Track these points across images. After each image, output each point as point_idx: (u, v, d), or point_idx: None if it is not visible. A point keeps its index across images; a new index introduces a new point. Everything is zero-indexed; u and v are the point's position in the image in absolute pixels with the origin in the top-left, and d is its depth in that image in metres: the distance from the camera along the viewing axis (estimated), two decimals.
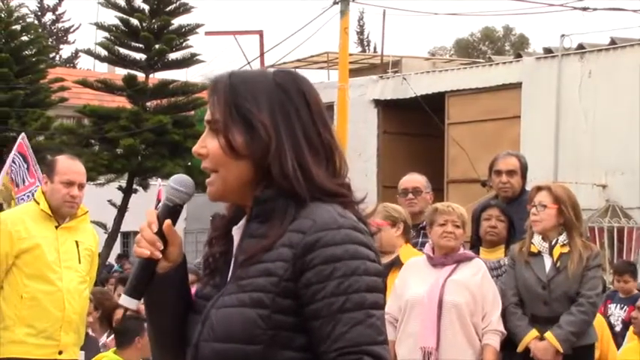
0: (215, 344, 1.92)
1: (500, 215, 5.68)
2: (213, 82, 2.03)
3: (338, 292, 1.87)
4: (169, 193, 2.05)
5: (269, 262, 1.91)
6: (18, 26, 24.51)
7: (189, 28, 22.02)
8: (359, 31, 50.24)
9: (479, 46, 49.68)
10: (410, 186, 6.11)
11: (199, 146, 2.01)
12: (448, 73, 18.35)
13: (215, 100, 2.01)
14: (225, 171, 1.98)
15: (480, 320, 5.07)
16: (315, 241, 1.89)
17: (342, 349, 1.85)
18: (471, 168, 16.38)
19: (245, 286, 1.92)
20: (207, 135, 2.01)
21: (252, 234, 1.98)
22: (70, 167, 5.01)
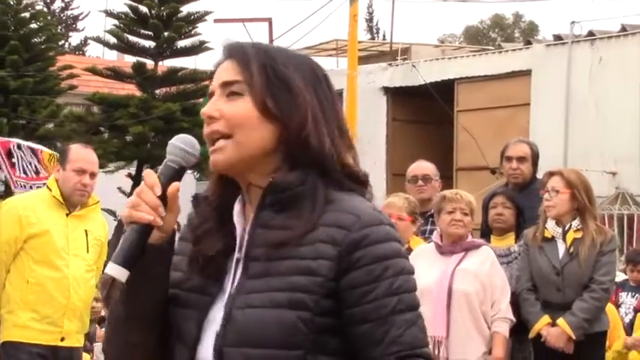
0: (247, 350, 1.72)
1: (507, 202, 5.68)
2: (233, 47, 1.87)
3: (390, 293, 1.74)
4: (174, 154, 1.81)
5: (309, 260, 1.73)
6: (27, 14, 24.55)
7: (198, 16, 22.00)
8: (368, 19, 50.11)
9: (488, 33, 49.52)
10: (420, 173, 6.11)
11: (210, 109, 1.82)
12: (457, 61, 18.29)
13: (239, 62, 1.83)
14: (244, 135, 1.79)
15: (489, 308, 5.07)
16: (362, 239, 1.74)
17: (399, 352, 1.74)
18: (480, 155, 16.35)
19: (279, 286, 1.73)
20: (218, 99, 1.83)
21: (266, 224, 1.78)
22: (83, 155, 5.02)
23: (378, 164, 18.89)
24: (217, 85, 1.85)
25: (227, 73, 1.84)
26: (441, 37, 49.33)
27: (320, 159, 1.79)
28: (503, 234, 5.69)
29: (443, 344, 4.98)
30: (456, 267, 5.10)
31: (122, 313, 1.81)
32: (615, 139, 14.63)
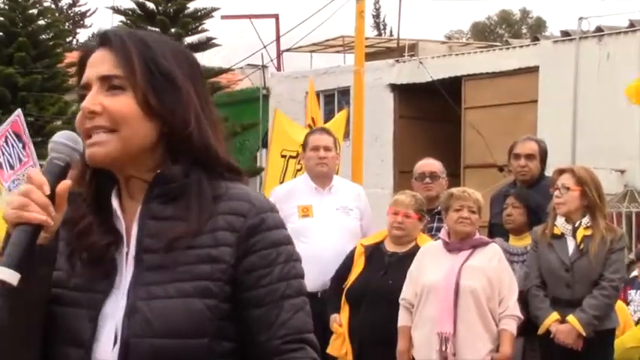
0: (154, 340, 1.70)
1: (515, 202, 5.68)
2: (109, 36, 1.83)
3: (282, 278, 1.79)
4: (58, 151, 1.74)
5: (209, 248, 1.76)
6: (35, 10, 24.60)
7: (204, 12, 22.01)
8: (375, 15, 50.08)
9: (496, 29, 49.45)
10: (427, 170, 6.10)
11: (92, 103, 1.76)
12: (465, 57, 18.27)
13: (118, 54, 1.79)
14: (129, 131, 1.76)
15: (496, 305, 5.06)
16: (258, 224, 1.79)
17: (286, 336, 1.78)
18: (487, 153, 16.33)
19: (183, 275, 1.73)
20: (98, 93, 1.77)
21: (156, 216, 1.77)
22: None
23: (385, 161, 18.89)
24: (95, 78, 1.79)
25: (106, 66, 1.79)
26: (448, 33, 49.28)
27: (203, 153, 1.81)
28: (519, 233, 5.68)
29: (450, 341, 4.98)
30: (464, 264, 5.10)
31: (5, 321, 1.70)
32: (624, 136, 14.59)
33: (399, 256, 5.44)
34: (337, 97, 20.62)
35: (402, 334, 5.19)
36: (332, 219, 5.82)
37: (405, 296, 5.18)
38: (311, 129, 7.48)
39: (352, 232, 5.86)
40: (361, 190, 6.28)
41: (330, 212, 5.84)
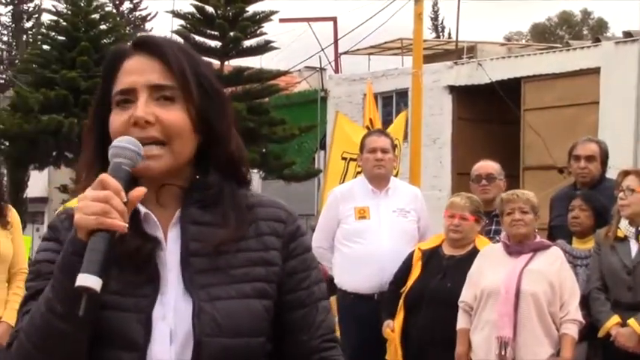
0: (223, 339, 1.73)
1: (583, 204, 5.60)
2: (152, 44, 1.80)
3: (316, 281, 1.90)
4: (126, 155, 1.69)
5: (261, 252, 1.81)
6: (97, 15, 24.98)
7: (263, 15, 22.13)
8: (433, 17, 49.88)
9: (556, 30, 48.89)
10: (483, 172, 6.04)
11: (146, 112, 1.73)
12: (524, 59, 18.10)
13: (169, 65, 1.78)
14: (180, 145, 1.76)
15: (557, 310, 5.00)
16: (295, 231, 1.88)
17: (324, 336, 1.88)
18: (547, 155, 16.16)
19: (241, 277, 1.78)
20: (148, 102, 1.75)
21: (196, 221, 1.78)
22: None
23: (443, 163, 18.81)
24: (144, 85, 1.76)
25: (157, 75, 1.77)
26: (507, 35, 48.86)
27: (236, 165, 1.86)
28: (584, 236, 5.61)
29: (510, 345, 4.94)
30: (524, 267, 5.05)
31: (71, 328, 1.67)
32: None
33: (456, 259, 5.41)
34: (395, 100, 20.59)
35: (460, 337, 5.16)
36: (389, 221, 5.81)
37: (465, 299, 5.16)
38: (369, 130, 7.48)
39: (409, 234, 5.84)
40: (418, 192, 6.25)
41: (386, 214, 5.83)
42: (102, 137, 1.79)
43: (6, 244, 4.96)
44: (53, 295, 1.65)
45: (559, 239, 5.63)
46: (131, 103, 1.76)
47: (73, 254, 1.63)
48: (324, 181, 9.06)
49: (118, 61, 1.81)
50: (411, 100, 14.91)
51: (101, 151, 1.77)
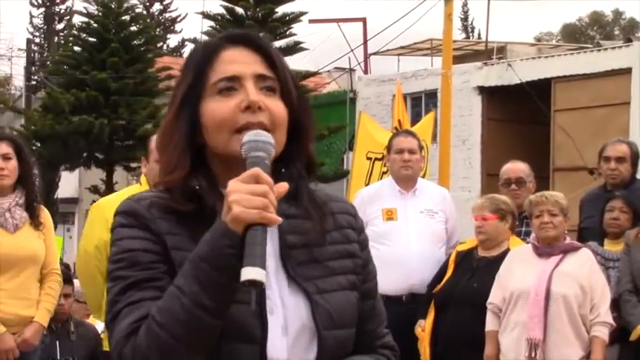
0: (336, 331, 1.77)
1: (624, 206, 5.55)
2: (253, 37, 1.83)
3: (375, 273, 1.97)
4: (265, 149, 1.70)
5: (344, 244, 1.85)
6: (127, 17, 25.17)
7: (293, 16, 22.18)
8: (463, 18, 49.70)
9: (587, 31, 48.55)
10: (513, 176, 5.96)
11: (258, 98, 1.76)
12: (555, 59, 18.00)
13: (268, 58, 1.82)
14: (280, 135, 1.78)
15: (588, 312, 4.97)
16: (362, 224, 1.95)
17: (382, 323, 1.95)
18: (577, 155, 16.06)
19: (337, 269, 1.81)
20: (255, 88, 1.77)
21: (284, 213, 1.73)
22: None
23: (472, 164, 18.74)
24: (251, 74, 1.78)
25: (259, 66, 1.80)
26: (537, 35, 48.58)
27: (312, 160, 1.89)
28: (618, 238, 5.56)
29: (540, 347, 4.92)
30: (554, 269, 5.02)
31: (219, 322, 1.65)
32: None
33: (488, 260, 5.39)
34: (424, 100, 20.54)
35: (489, 339, 5.15)
36: (416, 222, 5.79)
37: (493, 300, 5.14)
38: (396, 131, 7.47)
39: (437, 236, 5.82)
40: (446, 193, 6.22)
41: (414, 215, 5.81)
42: (192, 127, 1.79)
43: (38, 245, 4.99)
44: (200, 290, 1.61)
45: (589, 241, 5.59)
46: (234, 90, 1.78)
47: (228, 247, 1.61)
48: (350, 181, 9.07)
49: (211, 53, 1.82)
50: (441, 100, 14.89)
51: (191, 140, 1.78)
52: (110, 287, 1.73)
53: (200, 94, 1.79)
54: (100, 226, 4.52)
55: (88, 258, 4.59)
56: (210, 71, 1.80)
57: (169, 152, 1.79)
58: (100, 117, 23.10)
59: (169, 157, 1.79)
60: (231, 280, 1.60)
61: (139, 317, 1.65)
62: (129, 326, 1.65)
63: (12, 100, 39.81)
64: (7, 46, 57.87)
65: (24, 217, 4.94)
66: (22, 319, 4.90)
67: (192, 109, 1.79)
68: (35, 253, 4.96)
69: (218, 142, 1.77)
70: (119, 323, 1.67)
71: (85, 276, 4.69)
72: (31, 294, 4.95)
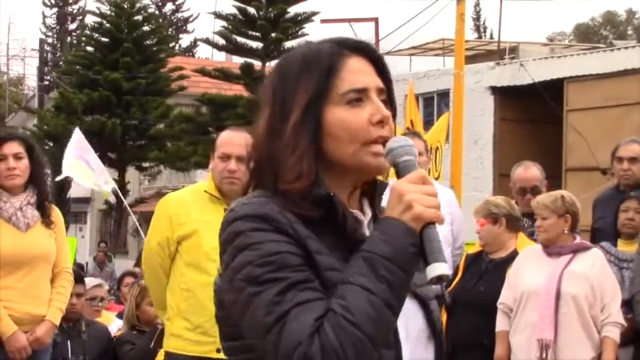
0: (439, 338, 1.87)
1: (639, 207, 5.53)
2: (372, 49, 1.88)
3: None
4: (411, 153, 1.78)
5: None
6: (140, 17, 25.24)
7: (305, 17, 22.19)
8: (475, 17, 49.62)
9: (600, 30, 48.40)
10: (527, 186, 5.85)
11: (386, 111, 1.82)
12: (567, 59, 17.94)
13: (383, 71, 1.87)
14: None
15: (598, 312, 4.95)
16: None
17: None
18: (590, 156, 16.00)
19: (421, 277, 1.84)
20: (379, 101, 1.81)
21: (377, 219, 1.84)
22: (228, 139, 4.47)
23: (484, 165, 18.70)
24: (375, 88, 1.82)
25: (378, 78, 1.83)
26: (550, 35, 48.48)
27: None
28: (632, 238, 5.54)
29: (550, 348, 4.90)
30: (564, 269, 5.01)
31: (396, 320, 1.69)
32: None
33: (496, 262, 5.38)
34: (437, 100, 20.52)
35: (500, 339, 5.13)
36: None
37: (504, 301, 5.12)
38: (408, 131, 7.46)
39: (442, 237, 5.77)
40: (452, 195, 6.22)
41: None
42: (315, 133, 1.78)
43: (50, 244, 5.00)
44: (388, 288, 1.63)
45: (602, 241, 5.56)
46: (362, 102, 1.79)
47: (411, 246, 1.67)
48: None
49: (337, 60, 1.81)
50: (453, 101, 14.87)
51: (316, 144, 1.78)
52: (262, 290, 1.66)
53: (324, 101, 1.78)
54: (163, 222, 4.44)
55: (151, 254, 4.51)
56: (338, 79, 1.79)
57: (294, 158, 1.76)
58: (113, 117, 23.17)
59: (294, 164, 1.76)
60: (411, 277, 1.67)
61: (318, 316, 1.62)
62: (312, 325, 1.61)
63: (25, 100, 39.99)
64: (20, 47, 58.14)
65: (35, 216, 4.96)
66: (33, 317, 4.91)
67: (317, 116, 1.78)
68: (47, 252, 4.97)
69: (344, 151, 1.78)
70: (291, 324, 1.62)
71: (149, 272, 4.62)
72: (42, 293, 4.96)
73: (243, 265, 1.68)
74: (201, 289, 4.27)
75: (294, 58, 1.83)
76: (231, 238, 1.71)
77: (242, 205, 1.74)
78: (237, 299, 1.69)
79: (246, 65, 21.87)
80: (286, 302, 1.64)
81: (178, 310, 4.39)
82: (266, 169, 1.79)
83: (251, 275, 1.67)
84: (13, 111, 40.06)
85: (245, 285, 1.67)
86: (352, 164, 1.78)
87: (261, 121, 1.82)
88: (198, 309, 4.31)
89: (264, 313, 1.64)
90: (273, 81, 1.83)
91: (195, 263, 4.34)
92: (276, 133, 1.78)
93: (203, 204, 4.40)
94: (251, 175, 1.84)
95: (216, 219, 4.21)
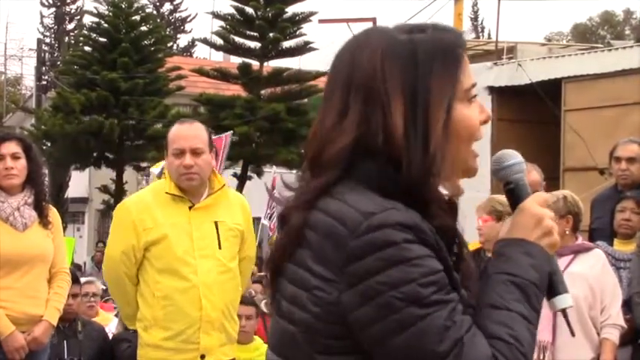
0: None
1: (636, 207, 5.52)
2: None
3: None
4: (521, 171, 1.80)
5: None
6: (138, 17, 25.20)
7: (302, 16, 22.16)
8: (473, 17, 49.62)
9: (597, 30, 48.43)
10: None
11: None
12: (565, 59, 17.94)
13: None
14: None
15: (598, 314, 4.93)
16: None
17: None
18: (588, 156, 16.00)
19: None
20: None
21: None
22: (178, 134, 4.29)
23: (482, 164, 18.67)
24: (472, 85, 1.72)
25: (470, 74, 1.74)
26: (548, 35, 48.51)
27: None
28: (629, 238, 5.53)
29: (548, 349, 4.89)
30: (565, 270, 4.99)
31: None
32: None
33: None
34: None
35: None
36: None
37: None
38: None
39: None
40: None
41: None
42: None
43: (47, 244, 5.00)
44: (537, 317, 1.66)
45: (599, 241, 5.56)
46: (474, 99, 1.72)
47: (549, 275, 1.68)
48: None
49: (463, 52, 1.72)
50: None
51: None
52: (429, 313, 1.52)
53: (454, 96, 1.66)
54: (127, 229, 4.25)
55: (114, 264, 4.32)
56: (463, 74, 1.69)
57: (443, 163, 1.63)
58: (110, 117, 23.13)
59: (441, 169, 1.63)
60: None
61: (486, 344, 1.55)
62: (490, 355, 1.54)
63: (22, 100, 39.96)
64: (18, 47, 58.06)
65: (33, 216, 4.96)
66: (31, 317, 4.91)
67: (451, 114, 1.65)
68: (44, 252, 4.96)
69: (459, 150, 1.69)
70: (469, 351, 1.52)
71: (114, 283, 4.42)
72: (40, 293, 4.96)
73: (403, 282, 1.51)
74: (180, 295, 4.16)
75: (418, 45, 1.65)
76: (378, 246, 1.51)
77: (398, 213, 1.55)
78: (383, 316, 1.51)
79: (244, 65, 21.85)
80: (457, 328, 1.52)
81: (155, 319, 4.21)
82: (384, 167, 1.60)
83: (416, 295, 1.50)
84: (11, 111, 40.04)
85: (404, 305, 1.50)
86: (461, 165, 1.72)
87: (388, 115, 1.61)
88: (179, 316, 4.18)
89: (438, 339, 1.50)
90: (391, 68, 1.63)
91: (169, 269, 4.18)
92: (412, 129, 1.61)
93: (167, 206, 4.23)
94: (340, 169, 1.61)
95: (183, 221, 4.21)
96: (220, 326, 4.27)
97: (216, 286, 4.23)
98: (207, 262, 4.22)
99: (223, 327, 4.28)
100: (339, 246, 1.53)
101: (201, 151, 4.24)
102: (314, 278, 1.56)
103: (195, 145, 4.23)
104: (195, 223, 4.24)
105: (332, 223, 1.55)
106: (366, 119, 1.61)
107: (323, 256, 1.55)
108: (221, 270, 4.27)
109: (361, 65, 1.65)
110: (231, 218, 4.36)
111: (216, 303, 4.23)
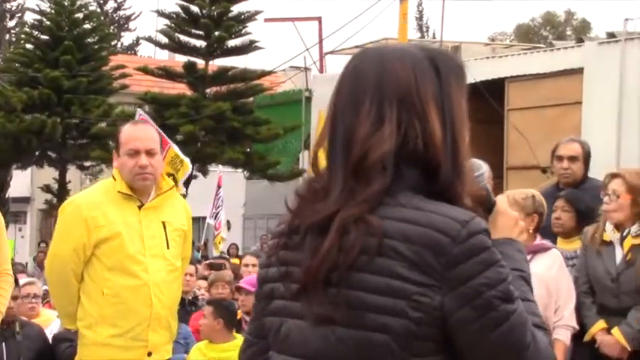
0: None
1: (565, 206, 5.55)
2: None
3: None
4: (486, 178, 1.96)
5: None
6: (81, 14, 24.91)
7: (248, 15, 22.12)
8: (418, 17, 49.94)
9: (540, 31, 49.03)
10: None
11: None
12: (508, 59, 18.15)
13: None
14: None
15: (552, 314, 4.89)
16: None
17: None
18: (531, 154, 16.20)
19: None
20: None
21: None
22: (134, 135, 4.34)
23: None
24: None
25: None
26: (491, 35, 48.95)
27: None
28: (568, 237, 5.56)
29: None
30: None
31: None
32: None
33: None
34: None
35: None
36: None
37: None
38: None
39: None
40: None
41: None
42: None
43: None
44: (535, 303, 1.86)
45: (544, 240, 5.60)
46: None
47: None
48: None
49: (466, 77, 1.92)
50: None
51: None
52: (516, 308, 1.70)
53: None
54: (78, 227, 4.22)
55: (61, 262, 4.27)
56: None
57: (467, 167, 1.80)
58: (53, 115, 22.84)
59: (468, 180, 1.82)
60: None
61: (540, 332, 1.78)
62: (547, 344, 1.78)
63: None
64: None
65: None
66: None
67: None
68: None
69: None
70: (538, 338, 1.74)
71: (58, 281, 4.36)
72: None
73: (497, 282, 1.68)
74: (131, 293, 4.19)
75: (437, 60, 1.81)
76: (476, 252, 1.68)
77: (474, 218, 1.71)
78: (482, 314, 1.67)
79: (189, 64, 21.74)
80: (528, 319, 1.73)
81: (102, 317, 4.20)
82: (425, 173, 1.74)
83: (508, 293, 1.68)
84: None
85: (500, 302, 1.67)
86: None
87: (425, 122, 1.75)
88: (129, 313, 4.20)
89: (524, 331, 1.70)
90: (423, 79, 1.77)
91: (120, 267, 4.19)
92: (446, 136, 1.77)
93: (118, 205, 4.26)
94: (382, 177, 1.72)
95: (134, 220, 4.25)
96: (167, 324, 4.33)
97: (165, 284, 4.28)
98: (157, 261, 4.27)
99: (169, 325, 4.36)
100: (441, 254, 1.66)
101: (155, 152, 4.31)
102: (414, 286, 1.66)
103: (150, 146, 4.30)
104: (145, 222, 4.28)
105: (431, 233, 1.67)
106: (405, 126, 1.73)
107: (421, 264, 1.66)
108: (169, 269, 4.33)
109: (394, 76, 1.76)
110: (177, 219, 4.42)
111: (165, 301, 4.28)
